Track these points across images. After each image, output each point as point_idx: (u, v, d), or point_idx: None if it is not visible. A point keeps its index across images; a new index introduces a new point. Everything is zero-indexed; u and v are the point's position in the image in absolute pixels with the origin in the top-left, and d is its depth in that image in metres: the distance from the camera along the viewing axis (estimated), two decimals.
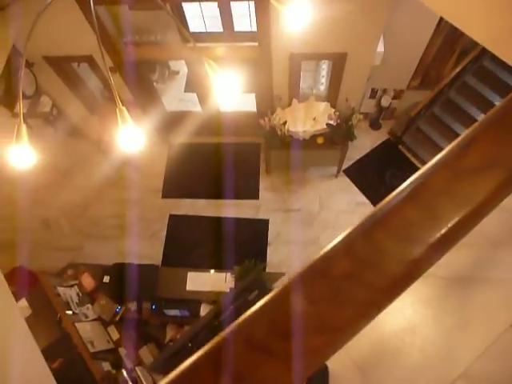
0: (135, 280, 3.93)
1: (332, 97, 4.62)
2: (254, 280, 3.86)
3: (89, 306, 4.07)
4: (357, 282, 0.53)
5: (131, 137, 1.75)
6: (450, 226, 0.43)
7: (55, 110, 4.66)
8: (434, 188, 0.47)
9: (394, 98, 5.18)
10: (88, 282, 4.17)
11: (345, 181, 5.25)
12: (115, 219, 5.22)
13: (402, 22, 4.12)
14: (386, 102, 5.18)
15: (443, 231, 0.43)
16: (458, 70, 4.69)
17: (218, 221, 5.10)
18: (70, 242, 5.14)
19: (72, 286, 4.11)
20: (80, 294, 4.07)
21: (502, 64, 4.56)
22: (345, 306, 0.52)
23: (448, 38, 4.45)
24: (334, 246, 0.56)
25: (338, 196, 5.16)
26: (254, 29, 3.82)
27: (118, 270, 4.12)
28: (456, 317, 1.23)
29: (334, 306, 0.52)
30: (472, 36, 2.07)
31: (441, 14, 2.27)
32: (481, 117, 4.83)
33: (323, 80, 4.91)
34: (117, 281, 4.09)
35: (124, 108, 1.70)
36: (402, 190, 0.52)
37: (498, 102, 4.80)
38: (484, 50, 4.49)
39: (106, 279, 4.19)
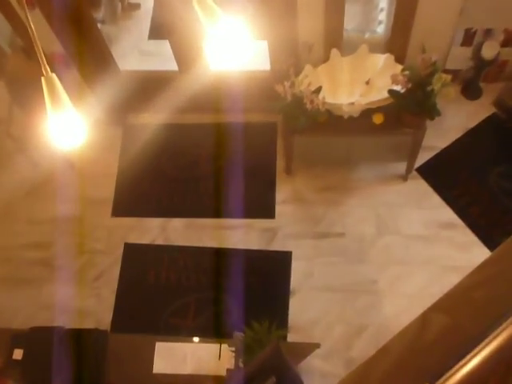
0: (69, 355, 3.90)
1: (398, 45, 4.55)
2: (268, 358, 3.72)
3: None
4: None
5: (66, 125, 1.79)
6: None
7: None
8: None
9: (504, 44, 5.07)
10: None
11: (420, 186, 5.12)
12: (36, 251, 5.19)
13: None
14: (490, 51, 5.04)
15: None
16: None
17: (205, 254, 5.04)
18: None
19: None
20: None
21: None
22: None
23: None
24: None
25: (409, 211, 5.05)
26: None
27: (39, 339, 4.08)
28: None
29: None
30: None
31: None
32: None
33: (382, 16, 4.90)
34: (36, 357, 4.03)
35: (54, 75, 1.71)
36: None
37: None
38: None
39: (18, 354, 4.08)
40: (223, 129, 5.45)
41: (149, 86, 5.32)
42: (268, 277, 4.95)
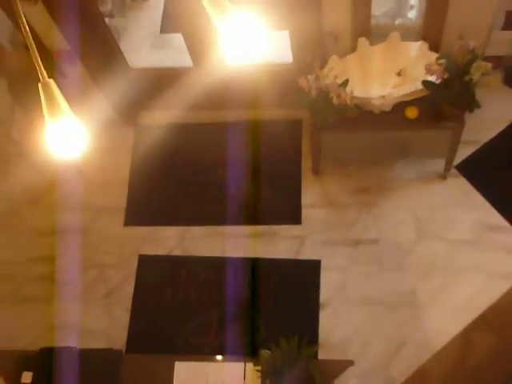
0: (81, 377, 4.09)
1: (432, 31, 4.60)
2: (298, 377, 3.98)
3: None
4: None
5: (64, 135, 1.86)
6: None
7: None
8: None
9: None
10: None
11: (460, 185, 5.20)
12: (41, 266, 5.43)
13: None
14: None
15: None
16: None
17: (228, 265, 5.16)
18: None
19: None
20: None
21: None
22: None
23: None
24: None
25: (450, 213, 5.12)
26: None
27: (49, 361, 4.25)
28: None
29: None
30: None
31: None
32: None
33: (414, 0, 4.96)
34: (47, 380, 4.21)
35: (51, 81, 1.76)
36: None
37: None
38: None
39: (27, 378, 4.29)
40: (243, 127, 5.60)
41: (161, 83, 5.48)
42: (296, 289, 5.04)
